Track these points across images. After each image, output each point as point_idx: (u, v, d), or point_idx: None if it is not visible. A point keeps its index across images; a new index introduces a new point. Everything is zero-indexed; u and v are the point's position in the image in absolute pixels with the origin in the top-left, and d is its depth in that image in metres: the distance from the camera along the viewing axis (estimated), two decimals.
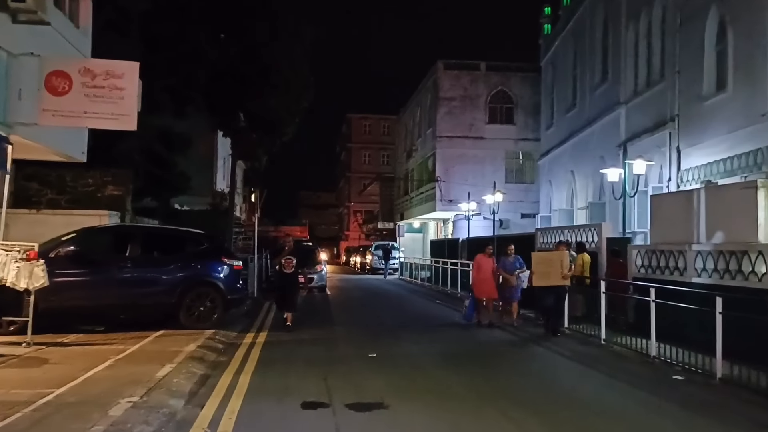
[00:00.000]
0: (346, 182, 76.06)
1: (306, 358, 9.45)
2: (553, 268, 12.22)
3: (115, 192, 14.75)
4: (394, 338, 11.93)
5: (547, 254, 13.42)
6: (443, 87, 36.10)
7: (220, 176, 35.00)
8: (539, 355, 10.90)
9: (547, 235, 18.12)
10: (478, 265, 14.30)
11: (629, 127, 20.50)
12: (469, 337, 12.71)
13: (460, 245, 27.36)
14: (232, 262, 11.97)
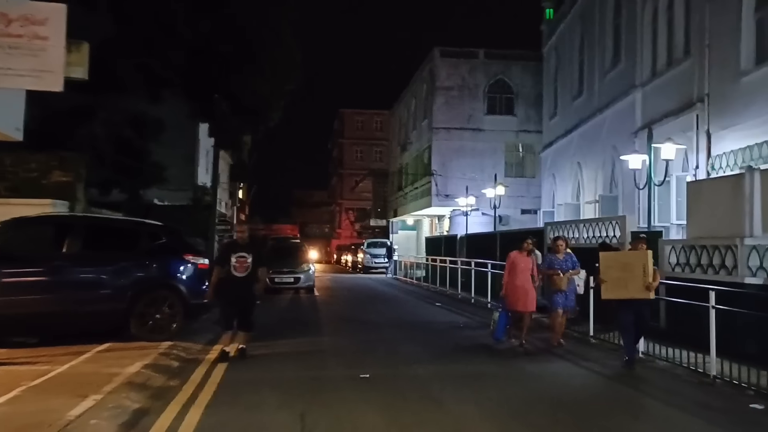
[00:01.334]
0: (339, 179, 74.30)
1: (281, 382, 7.53)
2: (632, 274, 8.70)
3: (64, 179, 12.78)
4: (392, 352, 9.89)
5: (623, 255, 9.88)
6: (440, 76, 34.20)
7: (202, 169, 32.90)
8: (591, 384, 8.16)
9: (558, 230, 16.25)
10: (511, 265, 10.66)
11: (647, 112, 18.65)
12: (494, 358, 9.68)
13: (459, 242, 25.52)
14: (196, 260, 9.97)
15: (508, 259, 10.85)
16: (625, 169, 20.03)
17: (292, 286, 20.84)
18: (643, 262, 8.68)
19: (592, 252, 13.93)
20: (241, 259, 8.71)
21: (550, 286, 10.79)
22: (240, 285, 8.72)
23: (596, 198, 22.59)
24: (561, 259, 10.95)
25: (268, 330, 12.02)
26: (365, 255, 38.14)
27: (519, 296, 10.44)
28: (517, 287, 10.50)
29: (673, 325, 10.56)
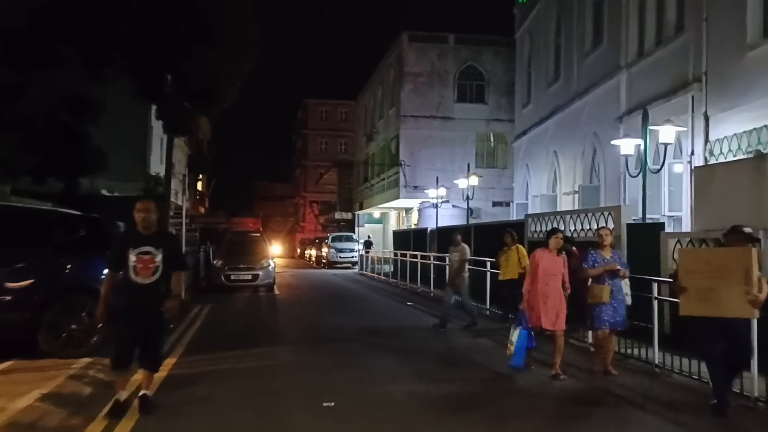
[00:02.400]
0: (302, 171, 72.45)
1: (219, 414, 5.89)
2: (728, 282, 6.11)
3: None
4: (363, 369, 8.23)
5: (715, 254, 7.00)
6: (408, 61, 32.66)
7: (156, 158, 30.88)
8: None
9: (541, 222, 14.86)
10: (536, 268, 8.00)
11: (633, 96, 17.38)
12: (517, 394, 7.11)
13: (429, 236, 24.04)
14: None
15: (533, 260, 8.18)
16: (608, 157, 18.81)
17: (249, 283, 19.11)
18: (745, 266, 6.05)
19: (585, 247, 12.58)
20: (144, 256, 5.75)
21: (589, 296, 7.93)
22: (143, 297, 5.77)
23: (575, 189, 21.33)
24: (605, 258, 8.05)
25: (216, 339, 10.36)
26: (330, 249, 36.43)
27: (547, 309, 7.87)
28: (543, 296, 7.88)
29: (686, 332, 9.24)
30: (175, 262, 6.02)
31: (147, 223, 5.90)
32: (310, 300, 17.95)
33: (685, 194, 14.51)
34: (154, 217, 5.98)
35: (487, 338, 10.91)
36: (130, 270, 5.77)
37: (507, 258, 12.15)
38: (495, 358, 8.84)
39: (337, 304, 16.93)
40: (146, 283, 5.76)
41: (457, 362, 8.92)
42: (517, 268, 11.78)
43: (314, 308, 15.80)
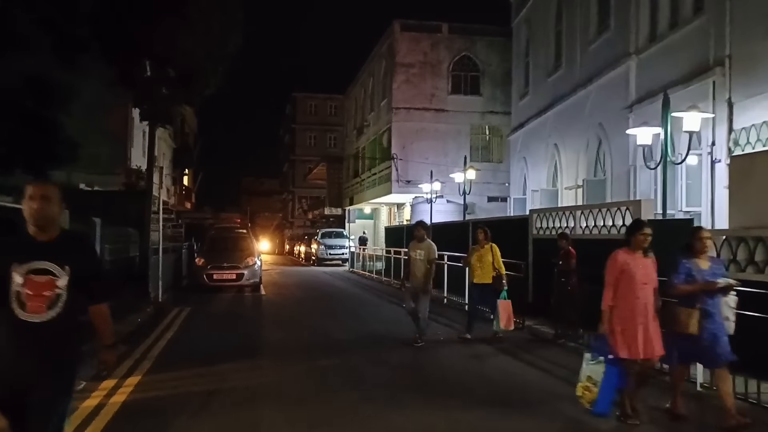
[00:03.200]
0: (291, 166, 71.19)
1: None
2: None
3: None
4: (363, 391, 6.89)
5: None
6: (400, 51, 31.43)
7: (138, 151, 29.53)
8: None
9: (547, 218, 13.76)
10: (621, 275, 6.08)
11: (643, 83, 16.29)
12: None
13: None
14: None
15: (613, 264, 6.16)
16: (615, 148, 17.74)
17: (234, 283, 17.88)
18: None
19: (599, 246, 11.48)
20: (37, 277, 3.42)
21: (673, 322, 5.93)
22: (33, 347, 3.41)
23: (578, 183, 20.27)
24: (707, 268, 6.04)
25: (191, 351, 9.16)
26: (319, 246, 35.24)
27: (644, 332, 5.82)
28: (632, 315, 5.87)
29: None
30: (92, 287, 3.61)
31: (44, 220, 3.49)
32: (298, 301, 16.75)
33: (705, 188, 13.45)
34: (56, 210, 3.53)
35: (512, 357, 9.41)
36: (11, 300, 3.39)
37: (480, 258, 10.92)
38: (547, 392, 6.95)
39: (327, 306, 15.74)
40: (39, 322, 3.39)
41: (494, 394, 6.94)
42: (491, 270, 10.77)
43: (303, 311, 14.60)
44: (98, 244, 20.74)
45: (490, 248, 10.86)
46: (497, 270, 10.79)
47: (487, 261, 10.77)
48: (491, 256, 10.78)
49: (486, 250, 10.84)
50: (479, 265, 10.87)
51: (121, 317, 11.30)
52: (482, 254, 10.84)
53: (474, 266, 10.99)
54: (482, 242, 10.96)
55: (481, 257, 10.87)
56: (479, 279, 10.87)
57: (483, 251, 10.86)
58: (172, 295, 16.59)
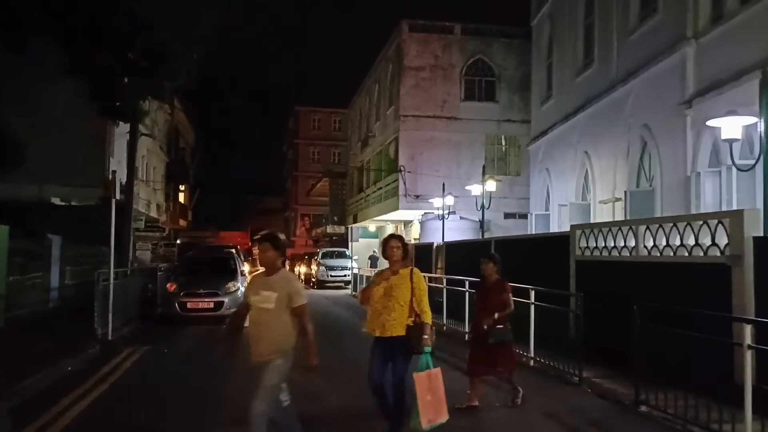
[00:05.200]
0: (293, 183, 68.66)
1: None
2: None
3: None
4: None
5: None
6: (409, 54, 28.75)
7: (119, 162, 26.79)
8: None
9: (596, 236, 10.91)
10: None
11: (704, 72, 13.48)
12: None
13: (435, 252, 20.04)
14: None
15: None
16: (666, 153, 14.87)
17: (211, 313, 14.95)
18: None
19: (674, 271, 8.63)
20: None
21: None
22: None
23: (616, 195, 17.40)
24: None
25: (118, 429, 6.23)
26: (320, 267, 32.34)
27: None
28: None
29: None
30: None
31: None
32: None
33: None
34: None
35: None
36: None
37: (389, 291, 5.85)
38: None
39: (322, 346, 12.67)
40: None
41: None
42: (405, 315, 5.77)
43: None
44: (56, 266, 18.07)
45: (409, 275, 5.90)
46: (416, 314, 5.78)
47: (401, 296, 5.79)
48: (409, 287, 5.81)
49: (401, 279, 5.87)
50: (385, 302, 5.81)
51: (46, 363, 8.47)
52: (394, 284, 5.85)
53: (375, 307, 5.89)
54: (396, 262, 5.98)
55: (391, 290, 5.83)
56: (385, 329, 5.78)
57: (396, 280, 5.87)
58: (135, 328, 13.72)
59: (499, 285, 7.87)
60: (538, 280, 11.02)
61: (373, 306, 5.91)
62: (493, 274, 7.94)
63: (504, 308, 7.67)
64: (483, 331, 7.61)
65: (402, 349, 5.73)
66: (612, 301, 9.79)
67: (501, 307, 7.64)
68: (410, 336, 5.70)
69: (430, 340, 5.71)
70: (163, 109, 37.86)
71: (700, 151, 13.32)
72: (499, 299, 7.68)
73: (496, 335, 7.53)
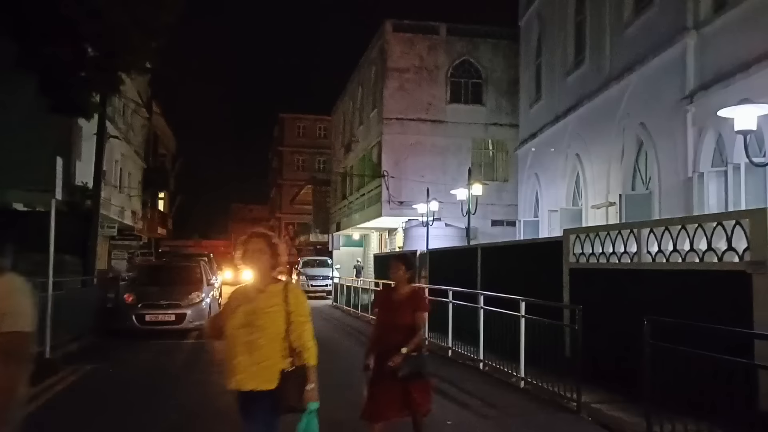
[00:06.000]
0: (278, 191, 67.46)
1: None
2: None
3: None
4: None
5: None
6: (392, 54, 27.69)
7: (87, 166, 25.47)
8: None
9: (592, 241, 9.86)
10: None
11: (707, 65, 12.48)
12: None
13: (419, 261, 18.90)
14: None
15: None
16: (664, 153, 13.85)
17: (172, 326, 13.66)
18: None
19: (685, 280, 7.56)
20: None
21: None
22: None
23: (609, 200, 16.37)
24: None
25: None
26: (300, 277, 31.11)
27: None
28: None
29: None
30: None
31: None
32: None
33: None
34: None
35: None
36: None
37: (253, 317, 3.85)
38: None
39: None
40: None
41: None
42: (278, 353, 3.83)
43: None
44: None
45: (283, 293, 3.90)
46: (295, 353, 3.90)
47: (270, 327, 3.84)
48: (282, 312, 3.85)
49: (269, 299, 3.88)
50: (246, 340, 3.84)
51: None
52: (259, 308, 3.87)
53: (231, 343, 3.90)
54: (266, 270, 3.97)
55: (254, 316, 3.86)
56: (246, 379, 3.83)
57: (263, 301, 3.89)
58: (87, 344, 12.47)
59: (414, 296, 5.49)
60: (528, 290, 9.94)
61: (228, 343, 3.83)
62: (404, 282, 5.53)
63: (417, 330, 5.35)
64: (389, 361, 5.11)
65: (269, 407, 3.76)
66: (611, 313, 8.72)
67: (415, 327, 5.35)
68: (286, 386, 3.74)
69: (316, 392, 3.82)
70: (139, 114, 36.59)
71: (703, 149, 12.31)
72: (414, 317, 5.35)
73: (408, 365, 5.09)
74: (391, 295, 5.60)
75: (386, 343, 5.27)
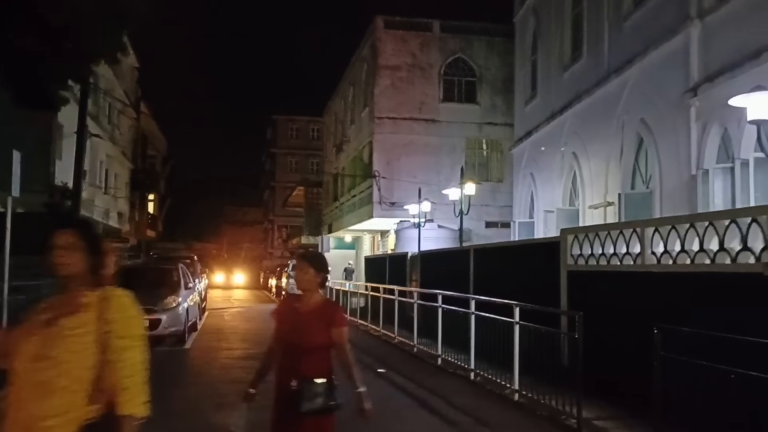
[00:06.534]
0: (271, 193, 66.80)
1: None
2: None
3: None
4: None
5: None
6: (384, 52, 26.95)
7: (67, 165, 24.68)
8: None
9: (590, 240, 9.17)
10: None
11: (712, 57, 11.78)
12: None
13: (410, 263, 18.20)
14: None
15: None
16: (666, 150, 13.15)
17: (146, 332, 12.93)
18: None
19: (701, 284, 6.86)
20: None
21: None
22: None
23: (607, 199, 15.68)
24: None
25: None
26: (289, 280, 30.29)
27: None
28: None
29: None
30: None
31: None
32: (225, 367, 11.55)
33: None
34: None
35: None
36: None
37: (48, 346, 2.44)
38: None
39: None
40: None
41: None
42: (81, 399, 2.42)
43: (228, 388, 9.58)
44: None
45: (100, 306, 2.55)
46: (110, 396, 2.49)
47: (72, 362, 2.43)
48: (93, 338, 2.48)
49: (76, 323, 2.50)
50: (36, 380, 2.41)
51: None
52: (59, 335, 2.47)
53: (14, 387, 2.45)
54: (83, 272, 2.61)
55: (49, 345, 2.45)
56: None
57: (70, 322, 2.50)
58: None
59: (328, 308, 4.05)
60: (522, 294, 9.23)
61: (12, 385, 2.47)
62: (314, 288, 4.02)
63: (345, 353, 3.94)
64: (291, 390, 3.75)
65: None
66: (612, 319, 8.02)
67: (340, 348, 3.92)
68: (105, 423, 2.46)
69: None
70: (126, 114, 35.80)
71: (707, 145, 11.61)
72: (334, 335, 3.90)
73: (311, 398, 3.71)
74: (296, 306, 4.01)
75: (289, 372, 3.76)
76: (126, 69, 36.74)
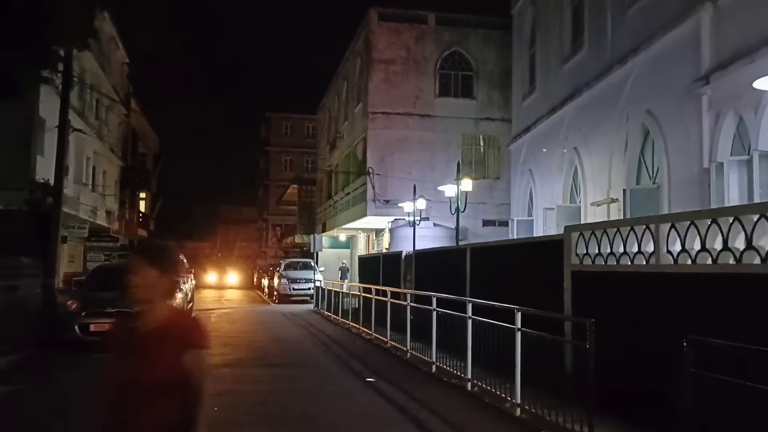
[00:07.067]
0: (265, 192, 65.95)
1: None
2: None
3: None
4: None
5: None
6: (378, 45, 26.18)
7: (49, 161, 23.81)
8: None
9: (599, 241, 8.40)
10: None
11: (725, 42, 11.04)
12: None
13: (404, 263, 17.42)
14: None
15: None
16: (674, 143, 12.41)
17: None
18: None
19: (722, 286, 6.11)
20: None
21: None
22: None
23: (611, 196, 14.94)
24: None
25: None
26: (281, 280, 29.52)
27: None
28: None
29: None
30: None
31: None
32: (211, 377, 10.79)
33: None
34: None
35: None
36: None
37: None
38: None
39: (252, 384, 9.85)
40: None
41: None
42: None
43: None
44: None
45: None
46: None
47: None
48: None
49: None
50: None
51: None
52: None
53: None
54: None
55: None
56: None
57: None
58: (22, 358, 10.90)
59: (180, 324, 2.80)
60: (522, 296, 8.51)
61: None
62: (158, 297, 2.74)
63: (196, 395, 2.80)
64: None
65: None
66: (622, 325, 7.26)
67: (177, 387, 2.72)
68: None
69: None
70: (114, 111, 34.93)
71: (721, 136, 10.88)
72: (176, 366, 2.69)
73: None
74: (131, 327, 2.72)
75: (120, 424, 2.63)
76: (115, 64, 35.90)
